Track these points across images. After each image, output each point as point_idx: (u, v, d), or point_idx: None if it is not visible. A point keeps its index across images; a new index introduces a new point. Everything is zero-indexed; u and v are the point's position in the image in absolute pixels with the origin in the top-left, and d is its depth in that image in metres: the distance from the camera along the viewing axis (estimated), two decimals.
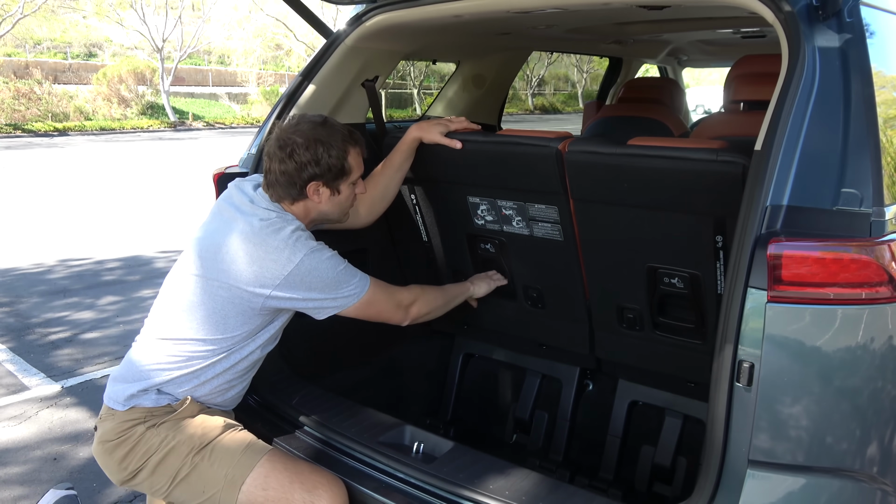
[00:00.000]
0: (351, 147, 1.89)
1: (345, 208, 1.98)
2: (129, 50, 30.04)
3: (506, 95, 3.85)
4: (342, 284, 1.83)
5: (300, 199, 1.88)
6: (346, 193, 1.94)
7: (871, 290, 1.32)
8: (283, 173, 1.83)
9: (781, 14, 1.52)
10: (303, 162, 1.82)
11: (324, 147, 1.83)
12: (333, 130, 1.87)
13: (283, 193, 1.87)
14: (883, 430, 1.40)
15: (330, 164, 1.84)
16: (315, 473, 1.76)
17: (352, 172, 1.91)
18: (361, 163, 1.95)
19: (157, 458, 1.77)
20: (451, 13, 2.09)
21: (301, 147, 1.81)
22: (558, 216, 2.13)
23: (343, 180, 1.90)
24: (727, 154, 1.78)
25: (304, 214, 1.91)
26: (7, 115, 21.11)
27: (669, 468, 2.25)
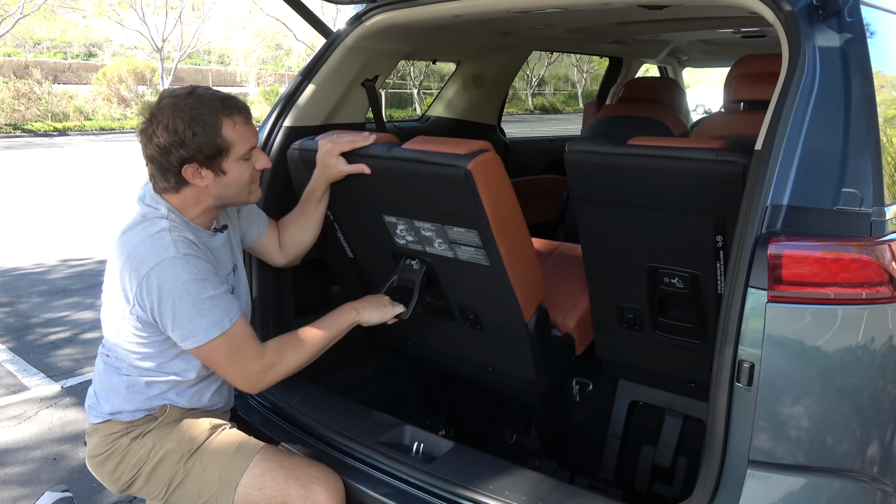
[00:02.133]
0: (224, 117, 1.61)
1: (242, 187, 1.71)
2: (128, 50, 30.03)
3: (506, 95, 3.85)
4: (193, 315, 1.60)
5: (182, 186, 1.64)
6: (235, 171, 1.66)
7: (871, 290, 1.32)
8: (151, 160, 1.62)
9: (781, 14, 1.52)
10: (164, 145, 1.58)
11: (186, 124, 1.57)
12: (199, 102, 1.60)
13: (163, 183, 1.65)
14: (883, 430, 1.40)
15: (200, 144, 1.58)
16: (310, 468, 1.74)
17: (233, 147, 1.63)
18: (248, 133, 1.67)
19: (149, 468, 1.75)
20: (451, 13, 2.09)
21: (160, 127, 1.58)
22: (480, 240, 1.89)
23: (223, 158, 1.63)
24: (727, 154, 1.78)
25: (195, 201, 1.68)
26: (7, 115, 21.09)
27: (669, 468, 2.25)
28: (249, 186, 1.74)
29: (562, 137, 4.34)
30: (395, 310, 1.96)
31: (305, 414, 2.03)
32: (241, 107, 1.67)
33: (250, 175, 1.72)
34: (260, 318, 2.25)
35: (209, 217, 1.77)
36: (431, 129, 3.45)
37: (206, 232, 1.77)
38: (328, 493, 1.70)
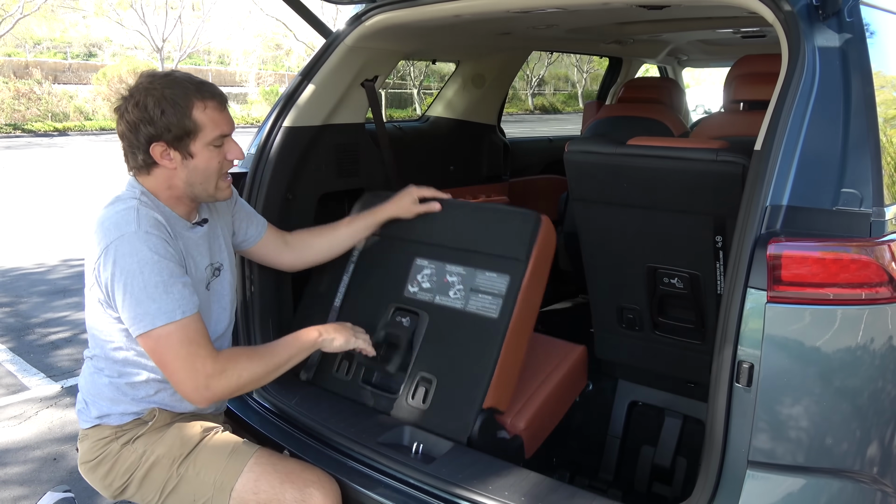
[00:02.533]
0: (196, 100, 1.60)
1: (210, 175, 1.68)
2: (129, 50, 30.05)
3: (506, 95, 3.85)
4: (143, 297, 1.53)
5: (151, 165, 1.64)
6: (203, 156, 1.65)
7: (870, 291, 1.32)
8: (122, 136, 1.63)
9: (781, 14, 1.52)
10: (133, 121, 1.58)
11: (156, 101, 1.57)
12: (173, 83, 1.60)
13: (133, 162, 1.65)
14: (883, 430, 1.40)
15: (167, 123, 1.58)
16: (306, 472, 1.73)
17: (202, 130, 1.62)
18: (221, 119, 1.66)
19: (141, 473, 1.73)
20: (450, 13, 2.09)
21: (132, 104, 1.59)
22: (505, 289, 1.92)
23: (191, 140, 1.62)
24: (727, 154, 1.78)
25: (167, 185, 1.67)
26: (7, 115, 21.09)
27: (669, 468, 2.25)
28: (217, 176, 1.70)
29: (562, 138, 4.34)
30: (358, 342, 1.89)
31: (305, 414, 2.03)
32: (216, 93, 1.66)
33: (219, 164, 1.69)
34: (259, 318, 2.25)
35: (185, 207, 1.74)
36: (431, 129, 3.45)
37: (183, 221, 1.74)
38: (324, 497, 1.68)
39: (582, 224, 2.20)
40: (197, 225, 1.78)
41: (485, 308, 1.95)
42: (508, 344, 1.89)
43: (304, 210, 2.44)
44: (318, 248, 2.13)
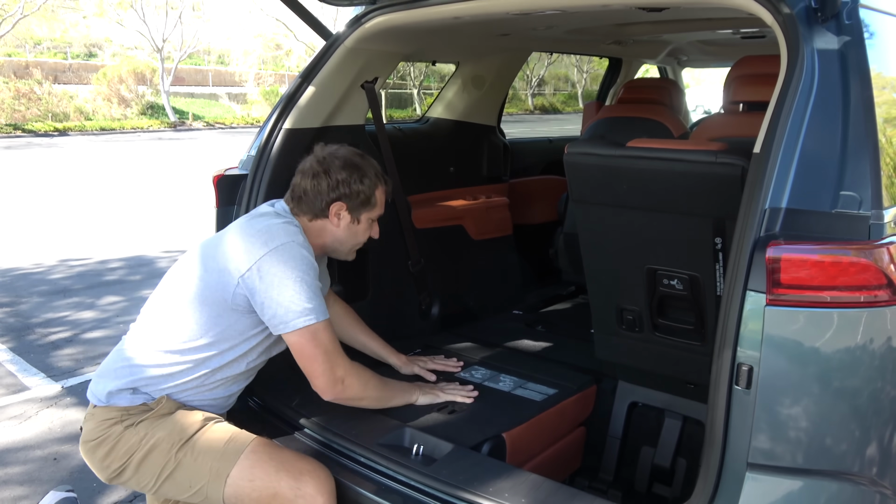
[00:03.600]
0: (381, 184, 1.97)
1: (357, 242, 2.01)
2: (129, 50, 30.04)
3: (505, 96, 3.84)
4: (302, 295, 1.76)
5: (320, 217, 1.92)
6: (363, 226, 1.98)
7: (869, 294, 1.32)
8: (313, 188, 1.90)
9: (780, 16, 1.52)
10: (337, 180, 1.89)
11: (358, 173, 1.91)
12: (369, 163, 1.96)
13: (306, 208, 1.92)
14: (882, 432, 1.41)
15: (360, 190, 1.91)
16: (300, 461, 1.77)
17: (375, 207, 1.97)
18: (384, 205, 2.01)
19: (140, 455, 1.78)
20: (450, 15, 2.09)
21: (338, 167, 1.90)
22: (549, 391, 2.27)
23: (366, 211, 1.95)
24: (726, 156, 1.78)
25: (318, 234, 1.94)
26: (7, 115, 21.09)
27: (669, 469, 2.25)
28: (360, 245, 2.04)
29: (561, 138, 4.34)
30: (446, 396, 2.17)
31: (305, 416, 2.03)
32: (388, 182, 2.03)
33: (367, 236, 2.02)
34: None
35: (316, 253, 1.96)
36: (431, 130, 3.46)
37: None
38: (318, 485, 1.72)
39: (582, 225, 2.20)
40: None
41: (530, 395, 2.25)
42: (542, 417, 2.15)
43: None
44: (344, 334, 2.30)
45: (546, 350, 2.75)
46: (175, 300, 1.85)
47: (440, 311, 3.00)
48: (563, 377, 2.37)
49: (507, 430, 2.02)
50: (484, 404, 2.17)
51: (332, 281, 2.36)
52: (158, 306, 1.89)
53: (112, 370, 1.86)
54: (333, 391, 1.84)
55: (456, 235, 3.14)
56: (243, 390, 2.02)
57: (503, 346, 2.75)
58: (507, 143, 3.71)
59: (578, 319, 3.04)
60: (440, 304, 3.00)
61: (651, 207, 1.98)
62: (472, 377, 2.38)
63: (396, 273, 2.84)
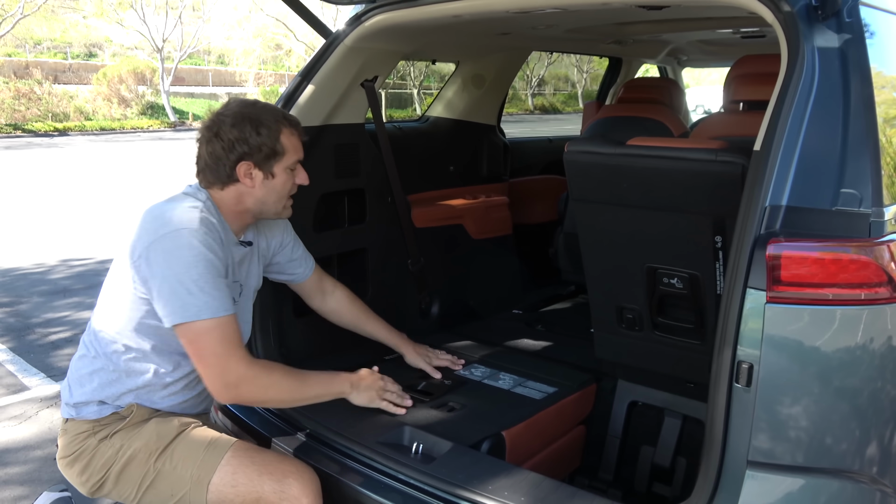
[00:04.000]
0: (284, 127, 1.77)
1: (282, 195, 1.83)
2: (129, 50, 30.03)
3: (505, 95, 3.84)
4: (183, 289, 1.60)
5: (231, 182, 1.76)
6: (281, 178, 1.79)
7: (870, 291, 1.32)
8: (210, 154, 1.74)
9: (781, 14, 1.52)
10: (230, 140, 1.71)
11: (252, 125, 1.72)
12: (265, 110, 1.77)
13: (213, 177, 1.76)
14: (882, 430, 1.40)
15: (259, 143, 1.72)
16: (283, 463, 1.73)
17: (286, 154, 1.78)
18: (299, 147, 1.82)
19: (118, 468, 1.74)
20: (450, 13, 2.09)
21: (228, 125, 1.72)
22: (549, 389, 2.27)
23: (276, 162, 1.77)
24: (726, 154, 1.78)
25: (237, 201, 1.79)
26: (7, 115, 21.10)
27: (669, 468, 2.25)
28: (287, 197, 1.86)
29: (561, 138, 4.33)
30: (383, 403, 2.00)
31: (304, 414, 2.03)
32: (297, 122, 1.84)
33: (291, 186, 1.84)
34: (259, 317, 2.25)
35: (241, 223, 1.85)
36: (431, 129, 3.45)
37: (232, 237, 1.84)
38: (302, 487, 1.68)
39: (581, 224, 2.20)
40: (241, 244, 1.88)
41: (529, 393, 2.25)
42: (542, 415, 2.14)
43: (304, 210, 2.44)
44: (344, 318, 2.27)
45: (546, 349, 2.75)
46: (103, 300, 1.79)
47: (440, 310, 2.99)
48: (562, 376, 2.37)
49: (506, 429, 2.02)
50: (483, 402, 2.17)
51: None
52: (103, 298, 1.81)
53: (75, 380, 1.81)
54: (226, 395, 1.68)
55: (456, 235, 3.14)
56: None
57: (503, 345, 2.75)
58: (507, 142, 3.71)
59: (578, 318, 3.03)
60: (440, 304, 3.00)
61: (651, 206, 1.97)
62: (472, 375, 2.38)
63: (396, 272, 2.84)
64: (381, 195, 2.75)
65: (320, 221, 2.52)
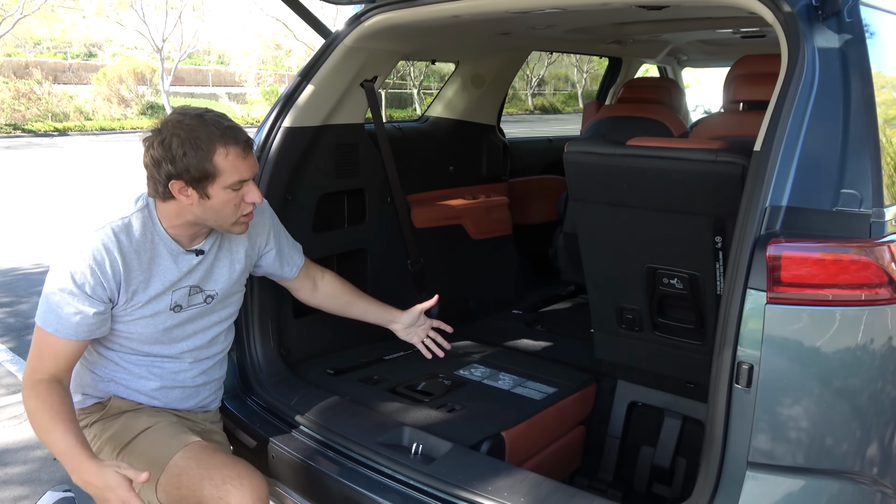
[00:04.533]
0: (219, 146, 1.64)
1: (225, 215, 1.74)
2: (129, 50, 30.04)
3: (505, 95, 3.84)
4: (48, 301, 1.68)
5: (168, 198, 1.70)
6: (220, 199, 1.69)
7: (870, 292, 1.32)
8: (145, 166, 1.69)
9: (781, 14, 1.52)
10: (157, 158, 1.64)
11: (181, 144, 1.62)
12: (202, 125, 1.65)
13: (153, 191, 1.72)
14: (883, 431, 1.40)
15: (187, 165, 1.63)
16: (227, 468, 1.70)
17: (220, 175, 1.66)
18: (241, 165, 1.69)
19: None
20: (450, 13, 2.08)
21: (157, 141, 1.65)
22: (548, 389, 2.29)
23: (209, 184, 1.66)
24: (726, 155, 1.78)
25: (178, 214, 1.74)
26: (7, 115, 21.08)
27: (669, 469, 2.25)
28: (235, 217, 1.76)
29: (561, 138, 4.33)
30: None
31: (304, 415, 2.03)
32: (240, 139, 1.70)
33: (235, 206, 1.73)
34: (259, 319, 2.25)
35: (187, 233, 1.80)
36: (431, 129, 3.45)
37: (176, 246, 1.80)
38: (241, 494, 1.65)
39: (581, 224, 2.20)
40: (191, 252, 1.83)
41: (528, 393, 2.25)
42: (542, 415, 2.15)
43: (304, 210, 2.44)
44: (338, 302, 2.26)
45: (546, 349, 2.75)
46: None
47: (439, 310, 2.99)
48: (562, 376, 2.37)
49: (506, 429, 2.02)
50: (483, 403, 2.17)
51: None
52: None
53: None
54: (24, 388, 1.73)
55: (455, 235, 3.14)
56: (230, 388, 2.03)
57: (502, 346, 2.75)
58: (507, 142, 3.70)
59: (578, 319, 3.03)
60: (439, 304, 2.99)
61: (651, 206, 1.97)
62: (472, 375, 2.38)
63: (396, 272, 2.83)
64: (381, 195, 2.75)
65: (320, 221, 2.52)
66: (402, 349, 2.53)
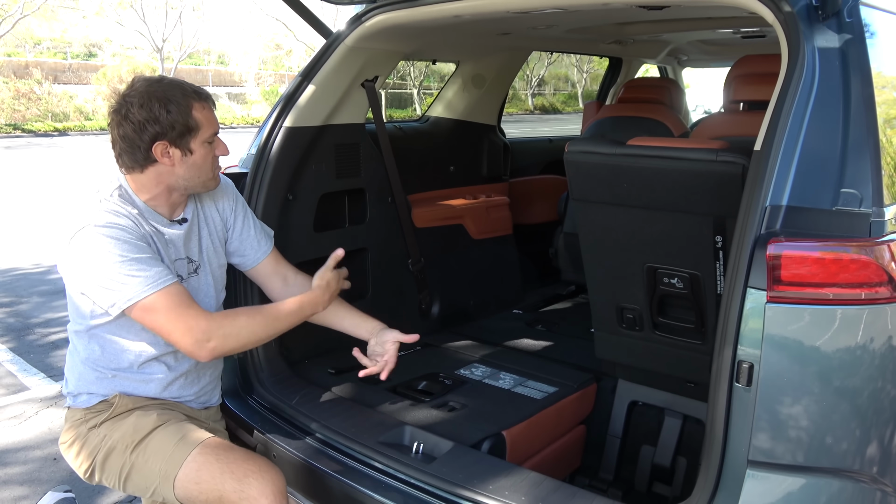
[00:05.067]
0: (195, 101, 1.72)
1: (205, 171, 1.79)
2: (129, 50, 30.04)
3: (505, 95, 3.84)
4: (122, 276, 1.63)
5: (148, 164, 1.72)
6: (200, 153, 1.75)
7: (870, 291, 1.32)
8: (122, 138, 1.71)
9: (781, 14, 1.52)
10: (139, 121, 1.67)
11: (160, 103, 1.67)
12: (171, 86, 1.72)
13: (130, 161, 1.73)
14: (883, 430, 1.40)
15: (171, 121, 1.68)
16: (247, 462, 1.73)
17: (201, 128, 1.73)
18: (213, 119, 1.78)
19: (101, 457, 1.79)
20: (450, 13, 2.09)
21: (136, 106, 1.67)
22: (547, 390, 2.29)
23: (192, 137, 1.72)
24: (727, 154, 1.79)
25: (157, 182, 1.76)
26: (7, 115, 21.08)
27: (669, 468, 2.25)
28: (212, 171, 1.82)
29: (561, 138, 4.34)
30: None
31: (305, 414, 2.03)
32: (207, 95, 1.79)
33: (212, 159, 1.81)
34: None
35: (169, 205, 1.82)
36: (431, 129, 3.46)
37: (160, 218, 1.82)
38: (262, 486, 1.67)
39: (582, 224, 2.20)
40: (175, 223, 1.86)
41: (528, 392, 2.25)
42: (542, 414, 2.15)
43: (305, 210, 2.44)
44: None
45: (546, 349, 2.75)
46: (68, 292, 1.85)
47: (440, 310, 3.00)
48: (563, 375, 2.37)
49: (507, 428, 2.02)
50: (484, 402, 2.17)
51: None
52: (68, 304, 1.89)
53: (68, 370, 1.92)
54: (203, 352, 1.68)
55: (456, 235, 3.15)
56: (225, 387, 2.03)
57: (503, 345, 2.75)
58: (507, 142, 3.71)
59: (578, 318, 3.04)
60: (440, 304, 3.00)
61: (651, 206, 1.98)
62: (472, 375, 2.38)
63: (396, 272, 2.84)
64: (382, 195, 2.75)
65: (321, 221, 2.52)
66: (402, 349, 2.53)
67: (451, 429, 1.97)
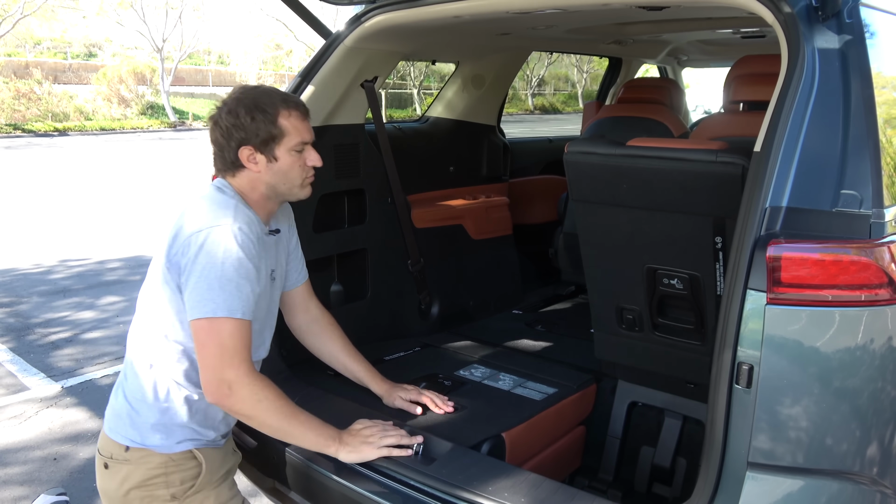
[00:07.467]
0: (282, 109, 1.74)
1: (292, 178, 1.79)
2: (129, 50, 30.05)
3: (505, 95, 3.84)
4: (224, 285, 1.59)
5: (238, 169, 1.76)
6: (286, 161, 1.76)
7: (870, 292, 1.32)
8: (214, 142, 1.76)
9: (781, 15, 1.52)
10: (227, 126, 1.72)
11: (247, 109, 1.71)
12: (262, 93, 1.76)
13: (221, 164, 1.77)
14: (882, 431, 1.40)
15: (256, 128, 1.71)
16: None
17: (286, 136, 1.74)
18: (303, 128, 1.78)
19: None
20: (450, 14, 2.09)
21: (224, 112, 1.73)
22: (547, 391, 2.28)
23: (276, 145, 1.74)
24: (727, 155, 1.78)
25: (251, 187, 1.77)
26: (7, 115, 21.09)
27: (669, 469, 2.25)
28: (301, 179, 1.82)
29: (561, 138, 4.33)
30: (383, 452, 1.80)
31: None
32: (299, 104, 1.80)
33: (300, 167, 1.81)
34: None
35: (265, 210, 1.83)
36: (431, 129, 3.45)
37: (263, 227, 1.81)
38: None
39: (582, 224, 2.20)
40: (271, 233, 1.87)
41: (528, 394, 2.24)
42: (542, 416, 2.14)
43: (304, 210, 2.44)
44: (324, 349, 2.12)
45: (546, 349, 2.75)
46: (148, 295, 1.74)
47: (440, 310, 2.99)
48: (562, 376, 2.37)
49: (506, 430, 2.02)
50: (483, 403, 2.17)
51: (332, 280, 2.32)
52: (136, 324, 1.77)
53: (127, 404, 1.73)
54: (217, 394, 1.61)
55: (456, 235, 3.14)
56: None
57: (503, 346, 2.75)
58: (507, 142, 3.71)
59: (578, 319, 3.04)
60: (440, 304, 3.00)
61: (651, 206, 1.97)
62: (472, 376, 2.38)
63: (396, 273, 2.84)
64: (381, 195, 2.75)
65: (320, 222, 2.52)
66: (402, 349, 2.53)
67: (450, 430, 1.97)
